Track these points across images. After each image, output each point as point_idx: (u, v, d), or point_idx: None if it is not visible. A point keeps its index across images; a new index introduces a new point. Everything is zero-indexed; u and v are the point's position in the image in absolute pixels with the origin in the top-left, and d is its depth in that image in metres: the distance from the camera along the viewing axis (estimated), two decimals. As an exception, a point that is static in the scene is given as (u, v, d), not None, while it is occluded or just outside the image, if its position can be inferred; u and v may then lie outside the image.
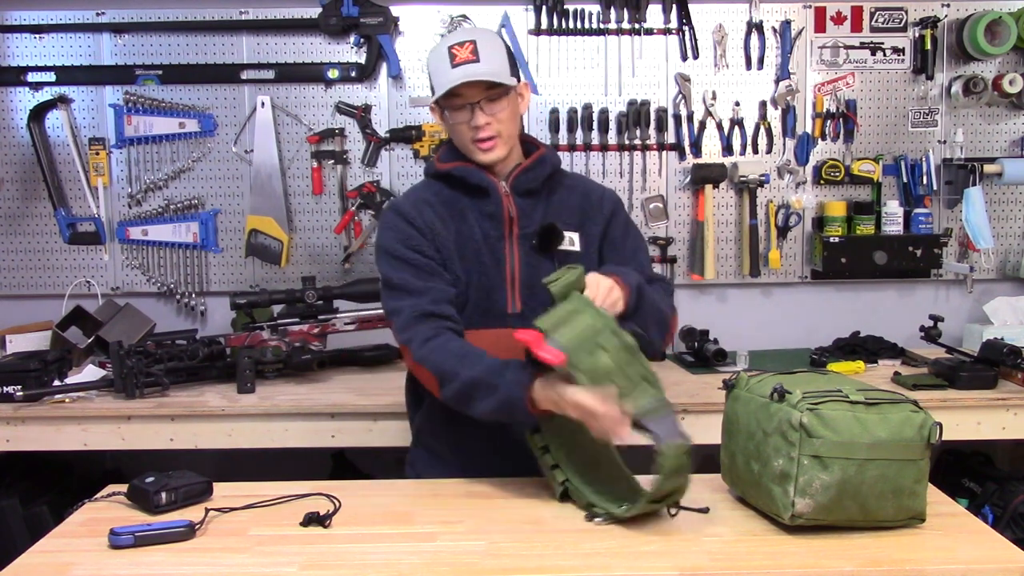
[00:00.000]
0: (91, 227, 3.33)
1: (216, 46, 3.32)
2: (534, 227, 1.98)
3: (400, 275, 1.92)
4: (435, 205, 2.00)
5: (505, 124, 1.94)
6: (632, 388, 1.62)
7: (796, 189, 3.39)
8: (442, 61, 1.91)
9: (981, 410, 2.68)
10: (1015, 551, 1.55)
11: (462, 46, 1.90)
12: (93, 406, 2.69)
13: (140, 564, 1.54)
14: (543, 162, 2.02)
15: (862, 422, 1.57)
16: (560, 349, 1.61)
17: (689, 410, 2.65)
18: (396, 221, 1.97)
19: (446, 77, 1.90)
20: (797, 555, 1.54)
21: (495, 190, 1.97)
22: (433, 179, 2.04)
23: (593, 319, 1.65)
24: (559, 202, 2.03)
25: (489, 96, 1.91)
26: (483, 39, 1.93)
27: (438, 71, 1.93)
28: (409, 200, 2.03)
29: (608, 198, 2.08)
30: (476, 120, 1.91)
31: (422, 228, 1.95)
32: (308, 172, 3.35)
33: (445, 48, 1.92)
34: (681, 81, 3.33)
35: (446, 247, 1.96)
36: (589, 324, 1.65)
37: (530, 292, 1.96)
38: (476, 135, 1.93)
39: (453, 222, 1.98)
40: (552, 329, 1.64)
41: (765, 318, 3.44)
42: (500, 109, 1.93)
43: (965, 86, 3.30)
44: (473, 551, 1.57)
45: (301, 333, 3.00)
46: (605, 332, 1.64)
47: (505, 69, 1.94)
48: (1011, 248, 3.45)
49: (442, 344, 1.85)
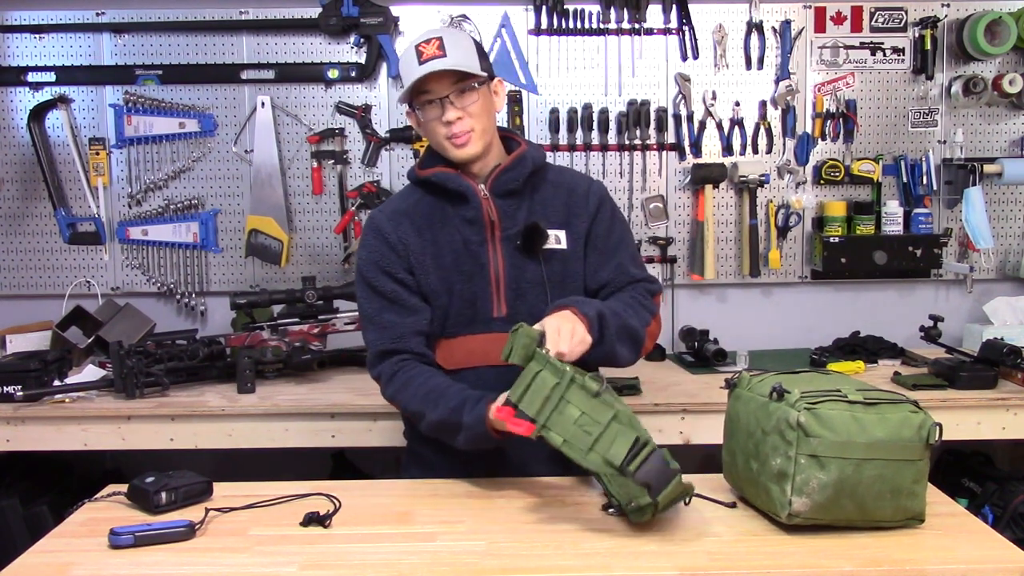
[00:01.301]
0: (91, 227, 3.33)
1: (216, 46, 3.32)
2: (517, 228, 1.97)
3: (371, 305, 1.99)
4: (413, 215, 2.00)
5: (478, 118, 1.93)
6: (606, 432, 1.62)
7: (796, 189, 3.39)
8: (410, 61, 1.91)
9: (981, 410, 2.67)
10: (1015, 551, 1.55)
11: (428, 43, 1.90)
12: (93, 406, 2.69)
13: (140, 564, 1.55)
14: (523, 161, 2.00)
15: (860, 422, 1.57)
16: (528, 419, 1.65)
17: (689, 410, 2.65)
18: (371, 239, 2.00)
19: (414, 73, 1.90)
20: (797, 555, 1.54)
21: (473, 194, 1.96)
22: (416, 185, 2.05)
23: (553, 375, 1.67)
24: (543, 200, 2.01)
25: (458, 89, 1.90)
26: (449, 35, 1.94)
27: (407, 72, 1.93)
28: (386, 212, 2.04)
29: (594, 192, 2.05)
30: (447, 115, 1.91)
31: (395, 244, 1.97)
32: (308, 172, 3.35)
33: (413, 48, 1.92)
34: (681, 81, 3.33)
35: (421, 261, 1.97)
36: (551, 383, 1.66)
37: (516, 295, 1.96)
38: (449, 131, 1.92)
39: (431, 231, 1.98)
40: (519, 399, 1.68)
41: (765, 318, 3.45)
42: (471, 102, 1.92)
43: (965, 86, 3.30)
44: (473, 551, 1.57)
45: (301, 333, 3.00)
46: (566, 385, 1.66)
47: (474, 62, 1.93)
48: (1011, 248, 3.45)
49: (405, 383, 1.92)
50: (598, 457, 1.60)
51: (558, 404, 1.65)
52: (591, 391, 1.64)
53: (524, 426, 1.65)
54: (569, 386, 1.65)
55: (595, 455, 1.61)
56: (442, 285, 1.96)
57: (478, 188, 1.97)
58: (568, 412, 1.64)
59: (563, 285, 1.98)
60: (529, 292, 1.96)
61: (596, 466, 1.61)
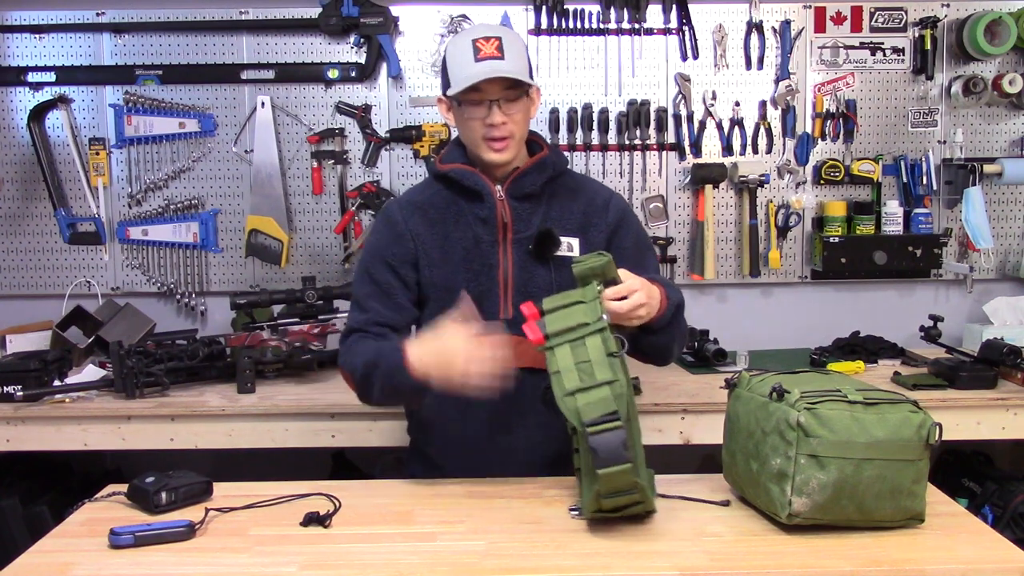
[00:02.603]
0: (91, 227, 3.33)
1: (216, 46, 3.32)
2: (531, 232, 1.96)
3: (363, 289, 1.99)
4: (426, 208, 1.99)
5: (519, 125, 1.92)
6: (594, 389, 1.60)
7: (796, 189, 3.39)
8: (464, 54, 1.88)
9: (981, 410, 2.68)
10: (1015, 551, 1.55)
11: (487, 41, 1.87)
12: (93, 406, 2.69)
13: (140, 564, 1.55)
14: (543, 166, 1.99)
15: (860, 422, 1.57)
16: (544, 333, 1.65)
17: (689, 410, 2.65)
18: (382, 227, 2.01)
19: (469, 70, 1.86)
20: (797, 555, 1.54)
21: (489, 194, 1.96)
22: (434, 178, 2.04)
23: (584, 315, 1.66)
24: (560, 207, 2.00)
25: (508, 96, 1.89)
26: (508, 37, 1.91)
27: (459, 64, 1.89)
28: (401, 202, 2.04)
29: (615, 205, 2.04)
30: (493, 118, 1.89)
31: (404, 234, 1.97)
32: (308, 172, 3.35)
33: (469, 41, 1.88)
34: (681, 81, 3.33)
35: (428, 254, 1.97)
36: (579, 318, 1.66)
37: (524, 297, 1.95)
38: (490, 132, 1.90)
39: (443, 225, 1.98)
40: (549, 311, 1.68)
41: (765, 318, 3.45)
42: (517, 110, 1.91)
43: (965, 86, 3.30)
44: (473, 551, 1.57)
45: (301, 333, 3.00)
46: (593, 331, 1.65)
47: (527, 70, 1.92)
48: (1011, 248, 3.45)
49: (354, 351, 1.91)
50: (573, 404, 1.59)
51: (575, 340, 1.64)
52: (608, 348, 1.63)
53: (536, 333, 1.66)
54: (594, 333, 1.64)
55: (571, 401, 1.59)
56: (447, 281, 1.96)
57: (494, 188, 1.97)
58: (578, 352, 1.63)
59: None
60: (537, 297, 1.95)
61: (568, 411, 1.59)
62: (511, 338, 1.77)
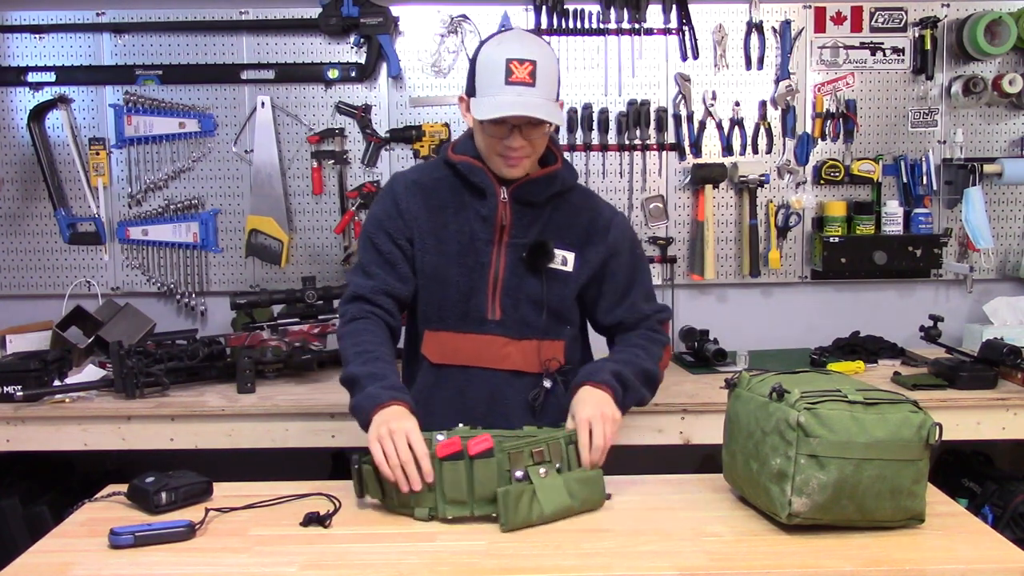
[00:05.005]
0: (91, 227, 3.33)
1: (216, 46, 3.32)
2: (528, 239, 1.96)
3: (366, 256, 2.01)
4: (430, 192, 2.00)
5: (536, 145, 1.93)
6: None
7: (796, 189, 3.39)
8: (496, 71, 1.84)
9: (981, 410, 2.68)
10: (1015, 551, 1.55)
11: (521, 64, 1.83)
12: (93, 406, 2.69)
13: (140, 564, 1.54)
14: (552, 179, 1.99)
15: (860, 422, 1.57)
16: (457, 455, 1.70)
17: (689, 410, 2.65)
18: (386, 200, 2.03)
19: (498, 95, 1.84)
20: (797, 555, 1.54)
21: (492, 194, 1.96)
22: (445, 163, 2.03)
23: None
24: (562, 220, 2.00)
25: (532, 122, 1.88)
26: (543, 61, 1.87)
27: (488, 80, 1.86)
28: (406, 179, 2.05)
29: (617, 225, 2.04)
30: (512, 142, 1.88)
31: (403, 212, 1.99)
32: (308, 172, 3.35)
33: (503, 58, 1.84)
34: (681, 81, 3.33)
35: (423, 239, 1.98)
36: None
37: (512, 301, 1.96)
38: (507, 152, 1.90)
39: (444, 213, 1.98)
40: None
41: (765, 318, 3.45)
42: (538, 136, 1.91)
43: (965, 86, 3.30)
44: (473, 551, 1.57)
45: (301, 333, 3.00)
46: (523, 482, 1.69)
47: (556, 96, 1.92)
48: (1011, 248, 3.45)
49: (357, 331, 1.93)
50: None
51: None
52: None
53: (448, 450, 1.68)
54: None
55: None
56: (438, 270, 1.97)
57: (499, 189, 1.97)
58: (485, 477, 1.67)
59: (560, 305, 2.00)
60: (524, 304, 1.97)
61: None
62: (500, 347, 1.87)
